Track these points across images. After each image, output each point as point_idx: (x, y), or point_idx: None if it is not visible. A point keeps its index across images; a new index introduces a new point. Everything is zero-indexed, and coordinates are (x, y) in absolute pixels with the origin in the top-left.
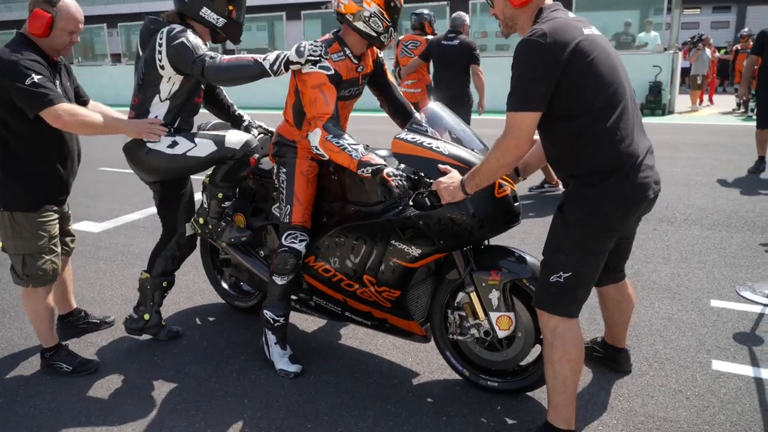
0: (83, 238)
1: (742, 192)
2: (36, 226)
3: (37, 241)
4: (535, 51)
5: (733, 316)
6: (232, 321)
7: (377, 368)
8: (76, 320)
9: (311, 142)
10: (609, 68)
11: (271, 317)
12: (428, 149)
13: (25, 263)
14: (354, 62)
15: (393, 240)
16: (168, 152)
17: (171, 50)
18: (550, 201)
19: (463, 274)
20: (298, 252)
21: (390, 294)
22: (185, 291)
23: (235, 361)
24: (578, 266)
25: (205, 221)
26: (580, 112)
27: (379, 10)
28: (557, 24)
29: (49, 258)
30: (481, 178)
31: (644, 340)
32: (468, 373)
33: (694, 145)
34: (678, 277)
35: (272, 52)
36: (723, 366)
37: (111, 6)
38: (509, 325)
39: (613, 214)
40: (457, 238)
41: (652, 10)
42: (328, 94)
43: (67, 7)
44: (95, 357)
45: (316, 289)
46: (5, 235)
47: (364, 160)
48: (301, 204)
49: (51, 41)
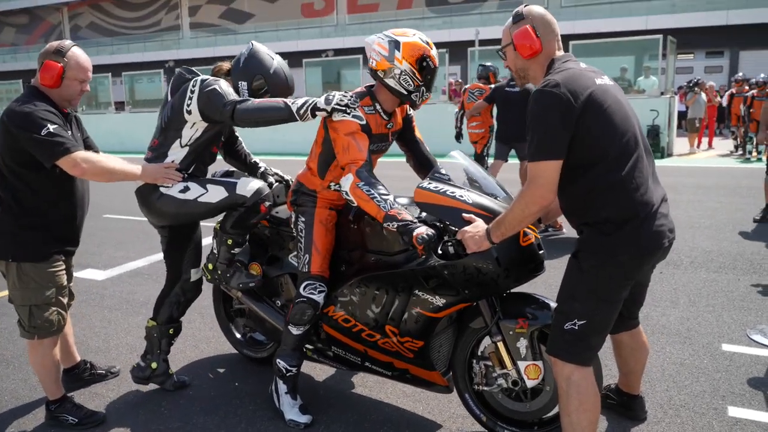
0: (88, 286)
1: (746, 234)
2: (44, 276)
3: (44, 292)
4: (549, 100)
5: (745, 361)
6: (240, 370)
7: (388, 418)
8: (81, 372)
9: (342, 186)
10: (622, 117)
11: (284, 366)
12: (452, 198)
13: (31, 314)
14: (384, 118)
15: (416, 290)
16: (179, 197)
17: (203, 96)
18: (555, 244)
19: (490, 323)
20: (316, 303)
21: (413, 344)
22: (191, 339)
23: (243, 411)
24: (592, 314)
25: (215, 267)
26: (596, 161)
27: (410, 68)
28: (570, 74)
29: (55, 309)
30: (507, 227)
31: (657, 386)
32: (485, 419)
33: (694, 188)
34: (687, 321)
35: (300, 98)
36: (739, 413)
37: (115, 56)
38: (538, 373)
39: (628, 263)
40: (482, 287)
41: (648, 56)
42: (360, 141)
43: (77, 57)
44: (101, 409)
45: (335, 339)
46: (12, 286)
47: (391, 213)
48: (320, 253)
49: (62, 91)
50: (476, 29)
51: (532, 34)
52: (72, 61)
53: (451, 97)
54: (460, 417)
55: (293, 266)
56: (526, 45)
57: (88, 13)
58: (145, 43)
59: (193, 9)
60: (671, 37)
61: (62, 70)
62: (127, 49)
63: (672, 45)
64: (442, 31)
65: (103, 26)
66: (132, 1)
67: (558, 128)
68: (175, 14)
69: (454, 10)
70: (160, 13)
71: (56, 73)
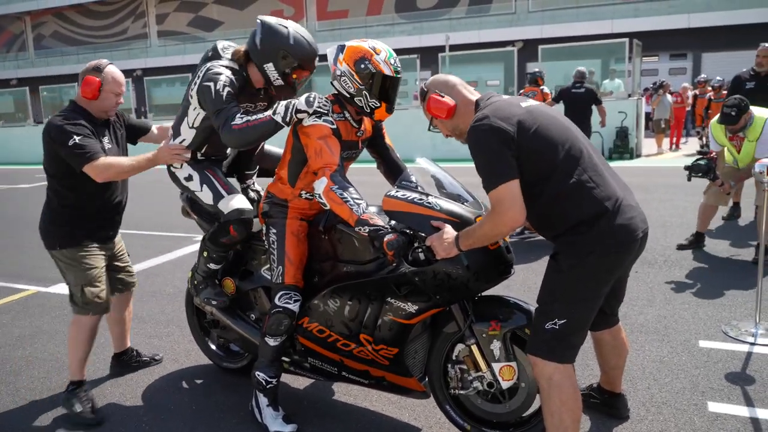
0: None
1: (717, 232)
2: (80, 258)
3: (90, 272)
4: (483, 133)
5: (722, 356)
6: (221, 382)
7: (374, 425)
8: (129, 359)
9: (316, 189)
10: (558, 128)
11: (263, 379)
12: (420, 205)
13: (83, 292)
14: (354, 126)
15: (388, 297)
16: (183, 183)
17: (201, 88)
18: (532, 247)
19: (463, 327)
20: (292, 312)
21: (388, 352)
22: (170, 352)
23: (226, 424)
24: (573, 313)
25: (193, 275)
26: (549, 173)
27: (348, 70)
28: (496, 106)
29: (103, 287)
30: (476, 240)
31: (639, 384)
32: (469, 427)
33: (665, 187)
34: (665, 319)
35: (280, 104)
36: (719, 407)
37: (82, 65)
38: (512, 374)
39: (605, 260)
40: (453, 292)
41: (614, 59)
42: (333, 145)
43: (113, 73)
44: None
45: (311, 350)
46: (64, 270)
47: (363, 218)
48: (293, 264)
49: (100, 103)
50: (446, 35)
51: (438, 98)
52: (108, 76)
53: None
54: (446, 423)
55: (266, 279)
56: (441, 108)
57: (51, 21)
58: (112, 52)
59: (160, 17)
60: (636, 41)
61: (100, 84)
62: (94, 57)
63: (638, 48)
64: (412, 36)
65: (68, 35)
66: (97, 10)
67: (500, 151)
68: (142, 22)
69: (424, 15)
70: (126, 22)
71: (95, 87)
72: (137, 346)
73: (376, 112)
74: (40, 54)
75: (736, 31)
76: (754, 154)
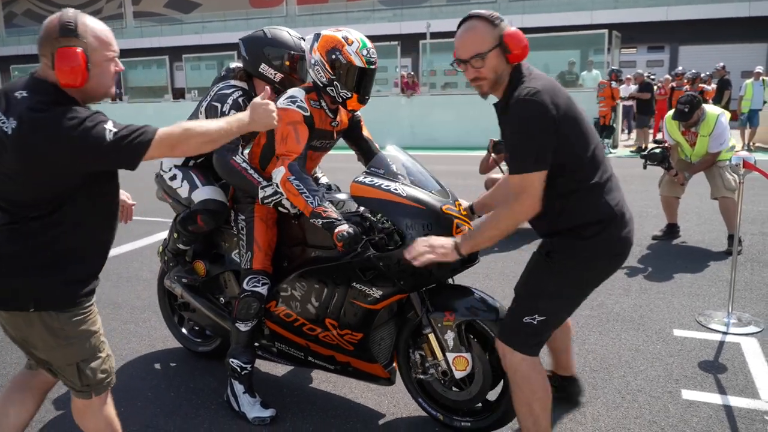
0: None
1: (692, 223)
2: (77, 324)
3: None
4: (535, 110)
5: (696, 345)
6: (198, 368)
7: (354, 412)
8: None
9: (274, 178)
10: (588, 125)
11: (238, 365)
12: (386, 191)
13: (80, 371)
14: (329, 116)
15: (354, 282)
16: (168, 183)
17: (209, 106)
18: (511, 237)
19: (420, 314)
20: (261, 296)
21: (352, 337)
22: (147, 339)
23: (205, 411)
24: (555, 312)
25: (164, 251)
26: (574, 168)
27: (320, 59)
28: (547, 83)
29: (105, 354)
30: (484, 239)
31: (615, 372)
32: (442, 417)
33: (641, 178)
34: (640, 308)
35: (274, 184)
36: (692, 395)
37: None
38: (465, 365)
39: (605, 266)
40: (416, 278)
41: (593, 50)
42: (300, 133)
43: (93, 29)
44: (49, 413)
45: (278, 334)
46: (46, 345)
47: (317, 210)
48: (262, 250)
49: (96, 82)
50: (427, 22)
51: (520, 33)
52: (89, 36)
53: (404, 89)
54: (424, 413)
55: (236, 263)
56: (520, 45)
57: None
58: None
59: None
60: (616, 32)
61: (85, 57)
62: None
63: (617, 39)
64: (393, 23)
65: (41, 14)
66: None
67: (545, 136)
68: (117, 2)
69: (405, 2)
70: (101, 1)
71: (80, 62)
72: (113, 332)
73: (348, 102)
74: (11, 33)
75: (713, 24)
76: (707, 148)
